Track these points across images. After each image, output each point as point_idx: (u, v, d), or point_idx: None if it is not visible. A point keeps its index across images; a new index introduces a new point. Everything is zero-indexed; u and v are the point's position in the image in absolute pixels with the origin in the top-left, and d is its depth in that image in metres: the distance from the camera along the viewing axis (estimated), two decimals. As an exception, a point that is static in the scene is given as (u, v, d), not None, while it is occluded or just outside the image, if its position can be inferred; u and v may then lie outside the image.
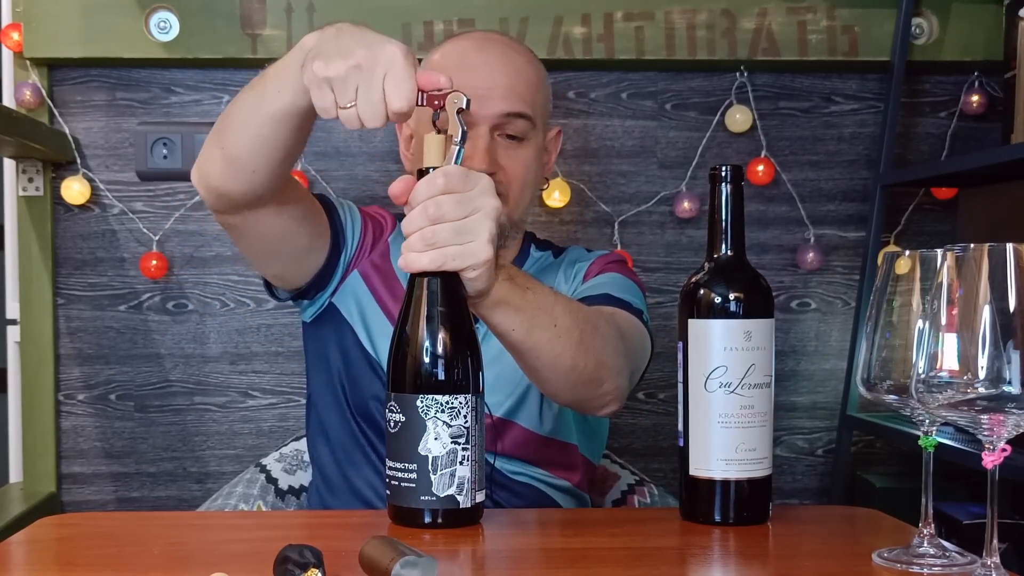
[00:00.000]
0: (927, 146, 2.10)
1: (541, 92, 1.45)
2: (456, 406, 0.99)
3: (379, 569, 0.81)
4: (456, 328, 1.00)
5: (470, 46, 1.43)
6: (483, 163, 1.35)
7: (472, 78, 1.36)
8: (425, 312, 1.00)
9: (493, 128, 1.37)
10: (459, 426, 0.99)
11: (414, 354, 1.00)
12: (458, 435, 0.99)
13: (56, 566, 0.95)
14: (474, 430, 0.99)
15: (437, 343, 0.99)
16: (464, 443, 0.99)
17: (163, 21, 1.94)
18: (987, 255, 0.78)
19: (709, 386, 1.01)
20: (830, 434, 2.10)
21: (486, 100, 1.36)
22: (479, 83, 1.36)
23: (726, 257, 1.04)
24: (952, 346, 0.79)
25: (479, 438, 1.01)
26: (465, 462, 0.99)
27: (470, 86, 1.36)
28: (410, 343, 1.00)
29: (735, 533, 1.00)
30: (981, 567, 0.82)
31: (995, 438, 0.81)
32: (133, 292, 2.03)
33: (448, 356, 0.99)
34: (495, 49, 1.42)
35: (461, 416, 0.99)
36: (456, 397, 0.99)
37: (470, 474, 0.99)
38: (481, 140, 1.36)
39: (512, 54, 1.42)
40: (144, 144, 2.01)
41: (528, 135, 1.40)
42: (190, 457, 2.05)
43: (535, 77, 1.43)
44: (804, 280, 2.10)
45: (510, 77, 1.39)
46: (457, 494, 0.99)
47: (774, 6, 1.99)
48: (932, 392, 0.80)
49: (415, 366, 0.99)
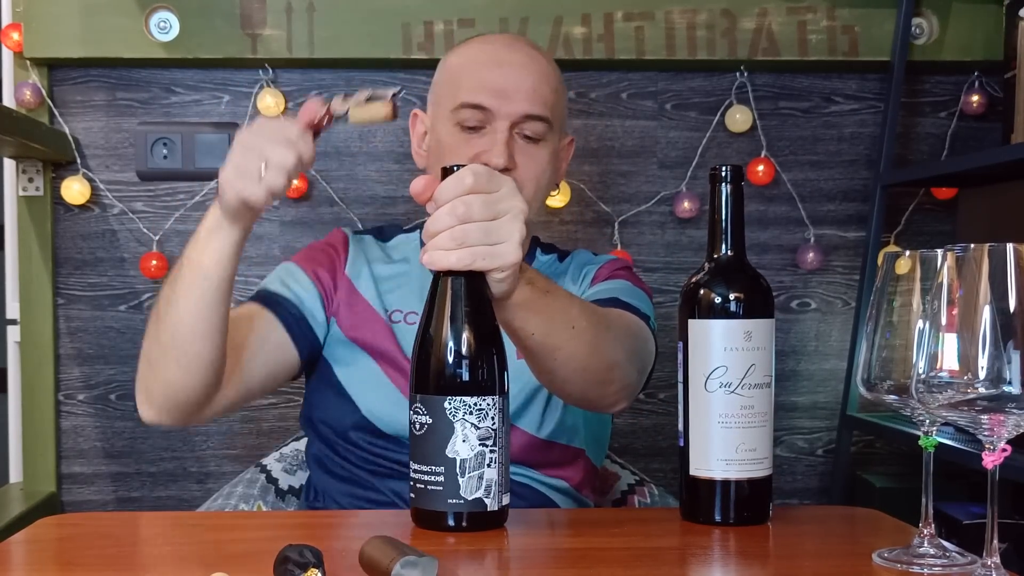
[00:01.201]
0: (927, 146, 2.10)
1: (561, 98, 1.48)
2: (484, 408, 0.98)
3: (379, 569, 0.81)
4: (483, 328, 1.00)
5: (500, 45, 1.45)
6: (501, 158, 1.36)
7: (500, 76, 1.39)
8: (450, 312, 0.99)
9: (512, 126, 1.38)
10: (487, 428, 0.98)
11: (440, 355, 0.99)
12: (486, 437, 0.98)
13: (56, 566, 0.95)
14: (501, 432, 0.99)
15: (463, 344, 0.99)
16: (492, 445, 0.98)
17: (163, 21, 1.94)
18: (987, 255, 0.78)
19: (709, 386, 1.01)
20: (830, 434, 2.10)
21: (510, 99, 1.38)
22: (507, 82, 1.39)
23: (726, 257, 1.04)
24: (952, 346, 0.79)
25: (505, 440, 1.00)
26: (493, 464, 0.98)
27: (498, 83, 1.40)
28: (435, 344, 0.99)
29: (735, 533, 1.00)
30: (981, 567, 0.82)
31: (995, 438, 0.81)
32: (133, 292, 2.03)
33: (476, 357, 0.99)
34: (523, 51, 1.44)
35: (489, 418, 0.98)
36: (484, 399, 0.98)
37: (497, 476, 0.98)
38: (500, 135, 1.38)
39: (539, 58, 1.45)
40: (144, 144, 2.01)
41: (545, 137, 1.41)
42: (190, 457, 2.05)
43: (557, 83, 1.46)
44: (804, 280, 2.10)
45: (535, 80, 1.41)
46: (485, 497, 0.98)
47: (774, 6, 1.99)
48: (932, 392, 0.80)
49: (442, 367, 0.98)
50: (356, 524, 1.09)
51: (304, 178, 1.99)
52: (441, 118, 1.44)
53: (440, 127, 1.44)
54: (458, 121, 1.40)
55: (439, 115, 1.44)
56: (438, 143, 1.44)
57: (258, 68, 2.00)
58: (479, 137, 1.39)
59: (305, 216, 2.03)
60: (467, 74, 1.42)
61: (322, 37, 1.96)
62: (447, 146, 1.41)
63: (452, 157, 1.39)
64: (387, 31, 1.95)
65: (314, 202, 2.03)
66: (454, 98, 1.41)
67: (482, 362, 0.99)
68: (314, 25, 1.95)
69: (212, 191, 2.02)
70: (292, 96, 2.02)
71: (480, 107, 1.38)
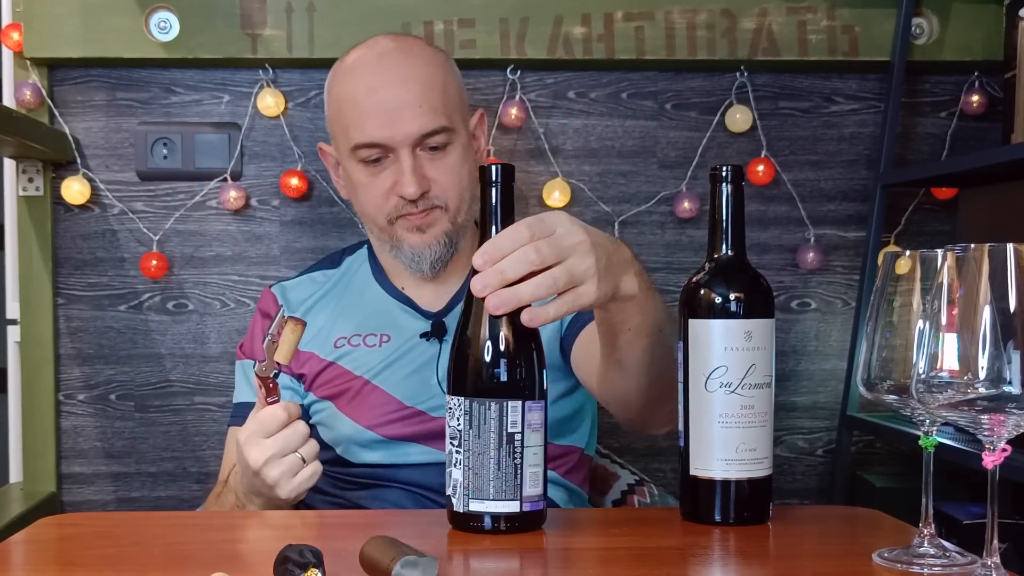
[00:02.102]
0: (927, 146, 2.10)
1: (453, 92, 1.43)
2: (452, 407, 0.99)
3: (379, 569, 0.81)
4: (514, 335, 0.99)
5: (371, 70, 1.40)
6: (413, 186, 1.36)
7: (379, 104, 1.35)
8: (485, 319, 0.99)
9: (413, 147, 1.37)
10: (453, 428, 0.98)
11: (472, 357, 0.99)
12: (452, 437, 0.99)
13: (56, 566, 0.95)
14: (468, 435, 0.98)
15: (486, 349, 0.98)
16: (457, 446, 0.98)
17: (163, 21, 1.94)
18: (987, 255, 0.78)
19: (709, 386, 1.01)
20: (830, 434, 2.10)
21: (401, 123, 1.35)
22: (389, 107, 1.35)
23: (726, 257, 1.04)
24: (952, 346, 0.79)
25: (478, 444, 0.99)
26: (458, 465, 0.98)
27: (381, 112, 1.35)
28: (471, 346, 0.99)
29: (735, 533, 1.00)
30: (981, 567, 0.82)
31: (995, 438, 0.81)
32: (133, 292, 2.03)
33: (503, 361, 0.98)
34: (393, 63, 1.40)
35: (455, 418, 0.98)
36: (453, 398, 0.99)
37: (463, 479, 0.98)
38: (405, 162, 1.36)
39: (412, 62, 1.40)
40: (144, 144, 2.01)
41: (450, 142, 1.39)
42: (190, 457, 2.05)
43: (443, 79, 1.41)
44: (804, 280, 2.10)
45: (418, 92, 1.37)
46: (452, 496, 0.99)
47: (774, 6, 1.99)
48: (932, 392, 0.80)
49: (468, 369, 0.99)
50: (356, 524, 1.09)
51: (304, 178, 1.99)
52: (344, 155, 1.44)
53: (346, 164, 1.44)
54: (359, 158, 1.40)
55: (341, 152, 1.44)
56: (349, 179, 1.45)
57: (258, 68, 2.00)
58: (384, 168, 1.39)
59: (305, 216, 2.03)
60: (350, 111, 1.39)
61: (322, 37, 1.96)
62: (358, 183, 1.42)
63: (366, 194, 1.41)
64: (387, 31, 1.93)
65: (314, 202, 2.03)
66: (347, 139, 1.40)
67: (510, 366, 0.98)
68: (314, 25, 1.95)
69: (212, 191, 2.02)
70: (292, 96, 2.02)
71: (373, 144, 1.37)
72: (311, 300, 1.50)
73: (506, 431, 0.97)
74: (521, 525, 0.98)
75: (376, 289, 1.49)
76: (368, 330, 1.45)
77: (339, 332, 1.46)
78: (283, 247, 2.03)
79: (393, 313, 1.46)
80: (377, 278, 1.50)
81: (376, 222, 1.43)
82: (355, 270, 1.53)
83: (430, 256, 1.41)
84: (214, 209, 2.02)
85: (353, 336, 1.45)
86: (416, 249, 1.41)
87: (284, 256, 2.03)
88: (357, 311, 1.47)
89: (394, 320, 1.45)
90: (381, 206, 1.41)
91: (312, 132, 2.02)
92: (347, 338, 1.45)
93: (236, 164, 2.01)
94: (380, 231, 1.44)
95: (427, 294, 1.47)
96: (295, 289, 1.53)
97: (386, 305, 1.47)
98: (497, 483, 0.97)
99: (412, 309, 1.46)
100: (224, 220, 2.03)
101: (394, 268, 1.49)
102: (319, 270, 1.56)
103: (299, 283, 1.54)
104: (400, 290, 1.48)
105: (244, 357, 1.50)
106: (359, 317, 1.46)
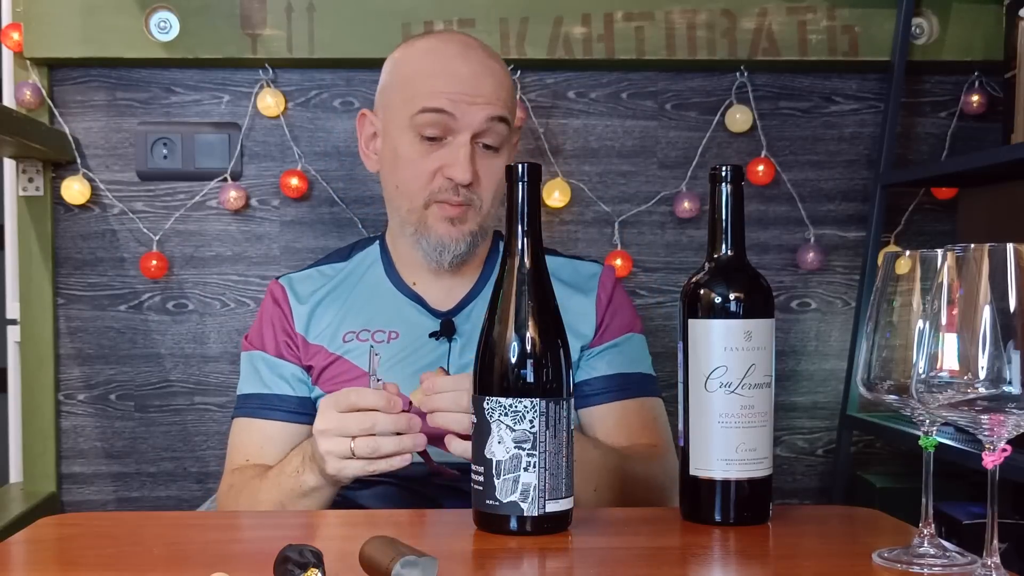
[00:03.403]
0: (927, 146, 2.10)
1: (515, 98, 1.50)
2: (520, 410, 0.98)
3: (379, 569, 0.81)
4: (528, 330, 1.00)
5: (454, 50, 1.44)
6: (466, 173, 1.38)
7: (458, 82, 1.39)
8: (499, 315, 1.00)
9: (474, 136, 1.39)
10: (523, 431, 0.97)
11: (484, 355, 1.00)
12: (522, 440, 0.98)
13: (56, 566, 0.95)
14: (544, 436, 0.98)
15: (506, 345, 0.99)
16: (530, 449, 0.98)
17: (163, 21, 1.94)
18: (987, 255, 0.78)
19: (709, 386, 1.01)
20: (830, 434, 2.10)
21: (472, 104, 1.39)
22: (466, 87, 1.39)
23: (726, 257, 1.04)
24: (952, 346, 0.79)
25: (553, 445, 0.98)
26: (531, 468, 0.98)
27: (458, 89, 1.39)
28: (482, 344, 1.01)
29: (735, 533, 1.00)
30: (981, 567, 0.82)
31: (995, 438, 0.81)
32: (133, 292, 2.03)
33: (518, 358, 0.99)
34: (477, 57, 1.44)
35: (526, 420, 0.97)
36: (520, 401, 0.98)
37: (537, 481, 0.98)
38: (463, 149, 1.38)
39: (491, 61, 1.45)
40: (144, 144, 2.01)
41: (504, 143, 1.43)
42: (190, 457, 2.05)
43: (510, 84, 1.48)
44: (804, 280, 2.10)
45: (494, 83, 1.42)
46: (521, 501, 0.98)
47: (774, 6, 1.99)
48: (932, 392, 0.80)
49: (482, 367, 1.00)
50: (356, 524, 1.09)
51: (304, 178, 1.99)
52: (396, 124, 1.42)
53: (396, 135, 1.43)
54: (417, 130, 1.40)
55: (393, 120, 1.43)
56: (394, 152, 1.43)
57: (258, 68, 2.00)
58: (439, 148, 1.40)
59: (305, 216, 2.03)
60: (424, 79, 1.41)
61: (322, 37, 1.96)
62: (405, 157, 1.41)
63: (411, 169, 1.41)
64: (387, 31, 1.95)
65: (314, 202, 2.03)
66: (411, 103, 1.40)
67: (520, 364, 0.99)
68: (314, 25, 1.95)
69: (212, 191, 2.02)
70: (292, 96, 2.02)
71: (442, 111, 1.38)
72: (320, 293, 1.50)
73: (568, 429, 1.00)
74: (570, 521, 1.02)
75: (387, 285, 1.50)
76: (377, 326, 1.45)
77: (348, 327, 1.46)
78: (283, 247, 2.03)
79: (403, 310, 1.46)
80: (388, 274, 1.50)
81: (412, 201, 1.42)
82: (367, 265, 1.53)
83: (454, 250, 1.42)
84: (214, 209, 2.02)
85: (362, 331, 1.45)
86: (443, 240, 1.41)
87: (284, 256, 2.03)
88: (367, 306, 1.47)
89: (404, 317, 1.46)
90: (425, 184, 1.41)
91: (312, 132, 2.03)
92: (356, 333, 1.45)
93: (236, 164, 2.01)
94: (409, 212, 1.44)
95: (438, 292, 1.47)
96: (303, 282, 1.52)
97: (396, 302, 1.47)
98: (568, 481, 1.00)
99: (422, 307, 1.46)
100: (224, 220, 2.03)
101: (408, 260, 1.49)
102: (328, 263, 1.56)
103: (307, 276, 1.54)
104: (411, 287, 1.48)
105: (251, 348, 1.49)
106: (369, 312, 1.46)
